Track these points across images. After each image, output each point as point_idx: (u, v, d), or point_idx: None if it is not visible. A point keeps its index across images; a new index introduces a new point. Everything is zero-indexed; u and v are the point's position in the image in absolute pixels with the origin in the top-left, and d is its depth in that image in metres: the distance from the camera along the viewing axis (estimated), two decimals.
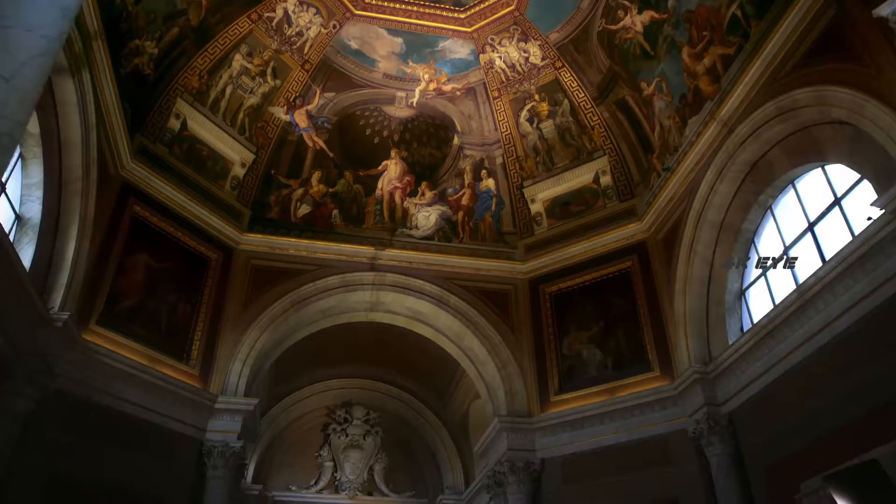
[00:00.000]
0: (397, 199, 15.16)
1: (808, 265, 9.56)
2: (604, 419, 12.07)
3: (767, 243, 11.01)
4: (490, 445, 13.44)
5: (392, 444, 19.08)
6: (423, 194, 15.23)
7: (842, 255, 8.32)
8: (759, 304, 10.98)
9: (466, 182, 15.39)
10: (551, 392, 13.04)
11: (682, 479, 11.00)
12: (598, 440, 12.06)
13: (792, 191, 10.47)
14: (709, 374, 10.91)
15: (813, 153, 9.62)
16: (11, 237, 9.21)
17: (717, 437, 10.53)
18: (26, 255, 9.30)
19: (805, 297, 8.91)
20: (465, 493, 18.04)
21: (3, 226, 8.77)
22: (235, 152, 13.94)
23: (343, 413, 19.09)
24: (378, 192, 15.15)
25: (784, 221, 10.63)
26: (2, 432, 8.59)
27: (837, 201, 9.27)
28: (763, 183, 10.82)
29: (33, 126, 9.24)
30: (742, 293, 11.44)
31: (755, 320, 10.46)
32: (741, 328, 11.18)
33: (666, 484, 11.10)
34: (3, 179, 8.95)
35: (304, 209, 14.54)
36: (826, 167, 9.63)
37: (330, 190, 14.88)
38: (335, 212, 14.69)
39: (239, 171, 14.02)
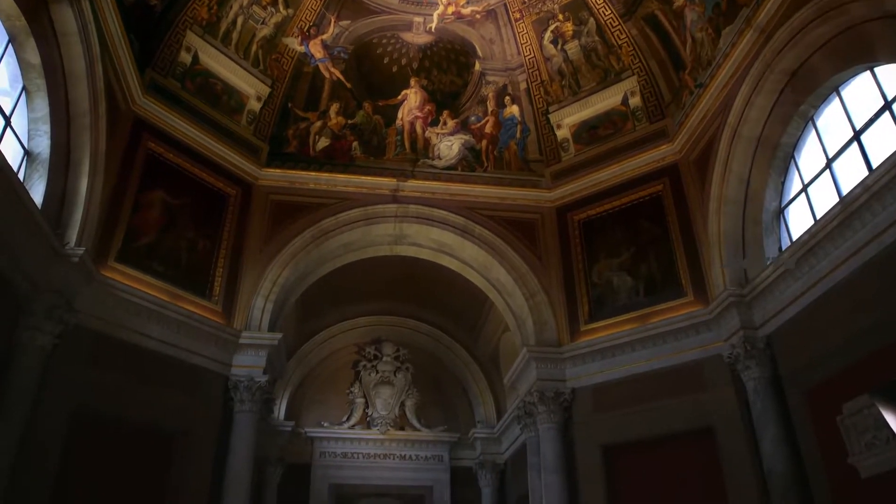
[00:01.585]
0: (418, 128, 14.67)
1: (852, 178, 8.96)
2: (635, 346, 11.75)
3: (808, 158, 10.36)
4: (519, 376, 13.26)
5: (423, 380, 19.07)
6: (444, 123, 14.70)
7: (891, 161, 7.70)
8: (799, 222, 10.41)
9: (489, 109, 14.79)
10: (581, 321, 12.72)
11: (717, 405, 10.69)
12: (629, 368, 11.77)
13: (836, 99, 9.75)
14: (745, 296, 10.45)
15: (861, 54, 8.86)
16: (21, 173, 9.05)
17: (754, 360, 10.15)
18: (38, 191, 9.13)
19: (850, 210, 8.33)
20: (497, 426, 18.05)
21: (13, 161, 8.65)
22: (250, 86, 13.51)
23: (373, 350, 19.08)
24: (398, 122, 14.67)
25: (827, 133, 9.96)
26: (25, 366, 8.62)
27: (888, 105, 8.57)
28: (804, 92, 10.10)
29: (34, 56, 8.92)
30: (780, 212, 10.86)
31: (795, 239, 9.91)
32: (780, 248, 10.64)
33: (700, 410, 10.82)
34: (8, 113, 8.73)
35: (323, 142, 14.16)
36: (875, 69, 8.89)
37: (349, 122, 14.44)
38: (355, 144, 14.28)
39: (255, 105, 13.64)
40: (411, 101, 14.80)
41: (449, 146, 14.54)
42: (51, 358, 9.00)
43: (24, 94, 9.05)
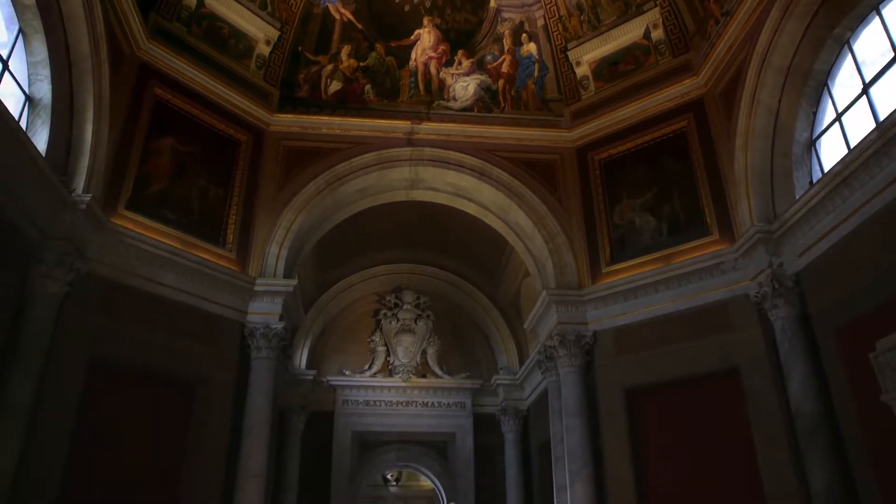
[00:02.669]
0: (432, 69, 14.20)
1: (891, 104, 8.44)
2: (658, 287, 11.43)
3: (843, 85, 9.79)
4: (540, 320, 13.04)
5: (444, 328, 18.98)
6: (459, 63, 14.21)
7: None
8: (831, 154, 9.89)
9: (506, 48, 14.25)
10: (602, 263, 12.41)
11: (743, 345, 10.39)
12: (652, 310, 11.48)
13: (875, 19, 9.12)
14: (773, 233, 10.04)
15: None
16: (24, 119, 8.85)
17: (782, 299, 9.79)
18: (41, 138, 8.94)
19: (888, 136, 7.81)
20: (519, 372, 17.96)
21: (15, 107, 8.45)
22: (258, 29, 13.09)
23: (393, 298, 18.98)
24: (412, 63, 14.21)
25: (864, 56, 9.37)
26: (38, 314, 8.58)
27: None
28: (839, 13, 9.49)
29: None
30: (812, 143, 10.34)
31: (827, 170, 9.41)
32: (810, 182, 10.17)
33: (726, 351, 10.53)
34: (5, 56, 8.49)
35: (335, 86, 13.77)
36: None
37: (361, 64, 14.01)
38: (367, 87, 13.87)
39: (264, 50, 13.25)
40: (425, 41, 14.31)
41: (464, 87, 14.08)
42: (64, 306, 8.96)
43: (21, 36, 8.78)
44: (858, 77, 9.34)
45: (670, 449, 10.79)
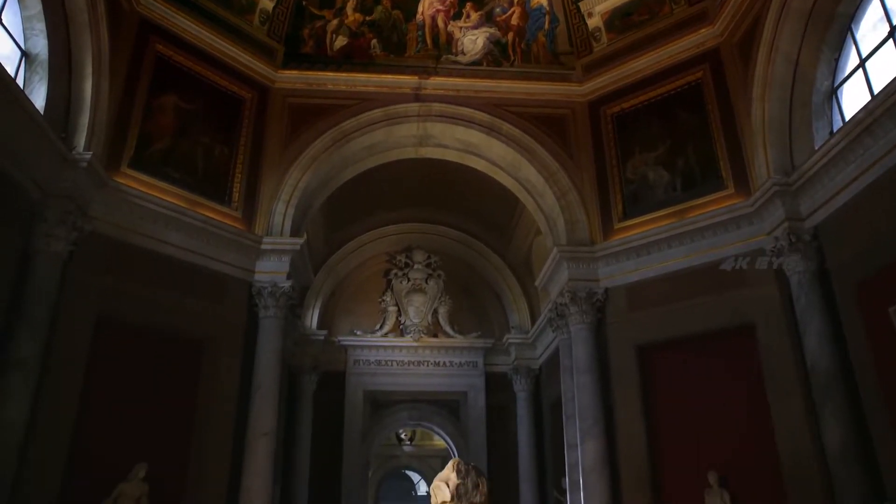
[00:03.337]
0: (440, 23, 13.79)
1: None
2: (672, 243, 11.20)
3: (868, 28, 9.37)
4: (551, 278, 12.87)
5: (455, 287, 18.85)
6: (468, 16, 13.79)
7: None
8: (853, 102, 9.53)
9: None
10: (615, 219, 12.17)
11: (758, 301, 10.18)
12: (665, 265, 11.28)
13: None
14: (791, 185, 9.74)
15: None
16: (21, 75, 8.66)
17: (800, 254, 9.56)
18: (39, 94, 8.79)
19: None
20: (531, 331, 17.86)
21: (11, 63, 8.27)
22: None
23: (404, 258, 18.83)
24: (419, 16, 13.79)
25: (891, 2, 8.94)
26: (43, 272, 8.55)
27: None
28: None
29: None
30: (833, 92, 9.98)
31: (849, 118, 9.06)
32: (830, 132, 9.82)
33: (741, 307, 10.33)
34: None
35: (341, 41, 13.43)
36: None
37: (367, 18, 13.62)
38: (374, 41, 13.52)
39: (267, 4, 12.90)
40: None
41: (473, 40, 13.70)
42: (68, 265, 8.91)
43: None
44: (885, 20, 8.93)
45: (682, 406, 10.66)
